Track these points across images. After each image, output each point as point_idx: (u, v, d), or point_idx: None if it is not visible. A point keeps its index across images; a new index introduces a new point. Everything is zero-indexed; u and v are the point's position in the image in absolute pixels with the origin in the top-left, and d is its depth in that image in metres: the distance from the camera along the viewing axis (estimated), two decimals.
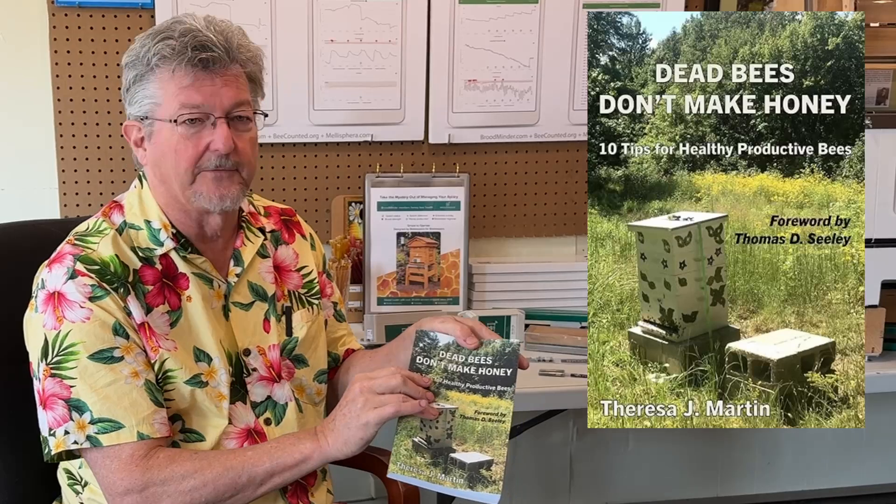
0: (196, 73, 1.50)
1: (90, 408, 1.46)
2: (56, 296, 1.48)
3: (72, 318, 1.47)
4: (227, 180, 1.54)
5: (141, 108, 1.53)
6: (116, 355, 1.48)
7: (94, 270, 1.49)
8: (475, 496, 1.42)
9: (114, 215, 1.59)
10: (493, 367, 1.49)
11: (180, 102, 1.50)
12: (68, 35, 2.42)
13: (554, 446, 3.02)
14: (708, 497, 3.18)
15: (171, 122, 1.50)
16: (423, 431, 1.47)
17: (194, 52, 1.49)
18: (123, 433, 1.46)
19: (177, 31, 1.50)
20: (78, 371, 1.46)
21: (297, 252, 1.74)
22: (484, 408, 1.46)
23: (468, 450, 1.45)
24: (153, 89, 1.52)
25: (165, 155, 1.53)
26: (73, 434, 1.46)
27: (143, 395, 1.48)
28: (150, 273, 1.54)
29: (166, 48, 1.49)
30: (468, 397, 1.48)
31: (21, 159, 2.49)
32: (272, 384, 1.62)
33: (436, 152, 2.67)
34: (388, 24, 2.56)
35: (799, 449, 3.18)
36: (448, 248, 2.57)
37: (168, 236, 1.56)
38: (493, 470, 1.42)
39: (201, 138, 1.51)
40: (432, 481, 1.44)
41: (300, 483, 1.63)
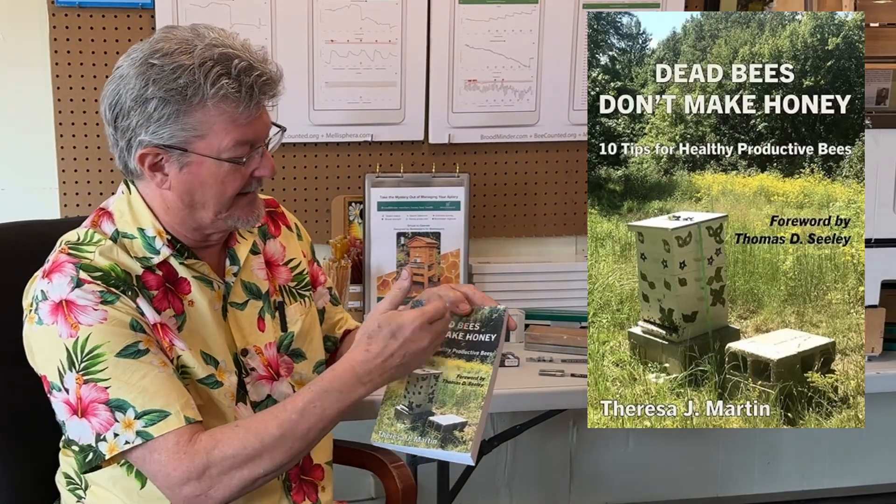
0: (251, 107, 1.46)
1: (132, 404, 1.42)
2: (64, 304, 1.43)
3: (88, 321, 1.43)
4: (256, 199, 1.55)
5: (172, 136, 1.45)
6: (142, 348, 1.44)
7: (98, 277, 1.45)
8: (447, 455, 1.45)
9: (104, 224, 1.53)
10: (480, 332, 1.52)
11: (234, 140, 1.46)
12: (68, 35, 2.42)
13: (554, 446, 3.02)
14: (708, 497, 3.18)
15: (220, 160, 1.46)
16: (406, 399, 1.50)
17: (262, 95, 1.46)
18: (171, 420, 1.41)
19: (234, 68, 1.43)
20: (109, 371, 1.42)
21: (283, 245, 1.72)
22: (466, 372, 1.49)
23: (446, 413, 1.48)
24: (196, 121, 1.44)
25: (207, 185, 1.48)
26: (123, 434, 1.42)
27: (176, 383, 1.46)
28: (152, 278, 1.51)
29: (229, 87, 1.43)
30: (453, 362, 1.51)
31: (21, 159, 2.49)
32: (271, 382, 1.62)
33: (436, 152, 2.67)
34: (388, 24, 2.56)
35: (799, 449, 3.18)
36: (448, 248, 2.57)
37: (164, 243, 1.52)
38: (465, 431, 1.44)
39: (248, 167, 1.50)
40: (409, 444, 1.47)
41: (304, 479, 1.63)
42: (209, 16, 2.42)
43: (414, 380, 1.51)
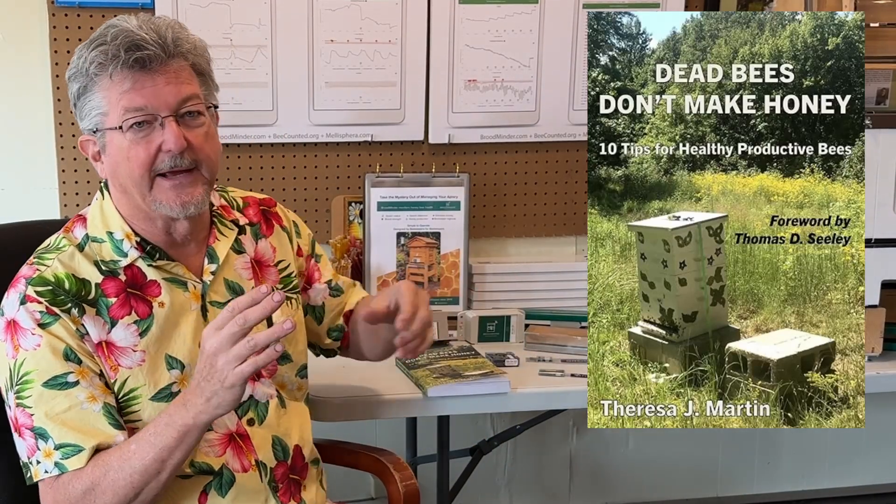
0: (134, 74, 1.45)
1: (51, 434, 1.44)
2: (12, 324, 1.47)
3: (25, 346, 1.46)
4: (188, 185, 1.50)
5: (91, 121, 1.49)
6: (71, 380, 1.46)
7: (45, 292, 1.47)
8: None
9: (76, 229, 1.56)
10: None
11: (123, 108, 1.45)
12: (68, 35, 2.42)
13: (554, 446, 3.02)
14: (708, 497, 3.18)
15: (119, 130, 1.46)
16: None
17: (128, 53, 1.44)
18: (84, 455, 1.44)
19: (109, 36, 1.46)
20: (34, 399, 1.45)
21: (274, 246, 1.71)
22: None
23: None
24: (98, 100, 1.47)
25: (119, 164, 1.49)
26: (43, 463, 1.45)
27: (100, 420, 1.46)
28: (112, 285, 1.51)
29: (100, 55, 1.45)
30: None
31: (21, 159, 2.49)
32: (253, 383, 1.60)
33: (436, 152, 2.67)
34: (388, 24, 2.56)
35: (799, 449, 3.18)
36: (448, 248, 2.57)
37: (132, 246, 1.53)
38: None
39: (151, 141, 1.46)
40: None
41: (292, 478, 1.62)
42: (209, 16, 2.43)
43: None
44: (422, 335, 1.60)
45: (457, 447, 2.50)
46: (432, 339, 1.66)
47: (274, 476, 1.61)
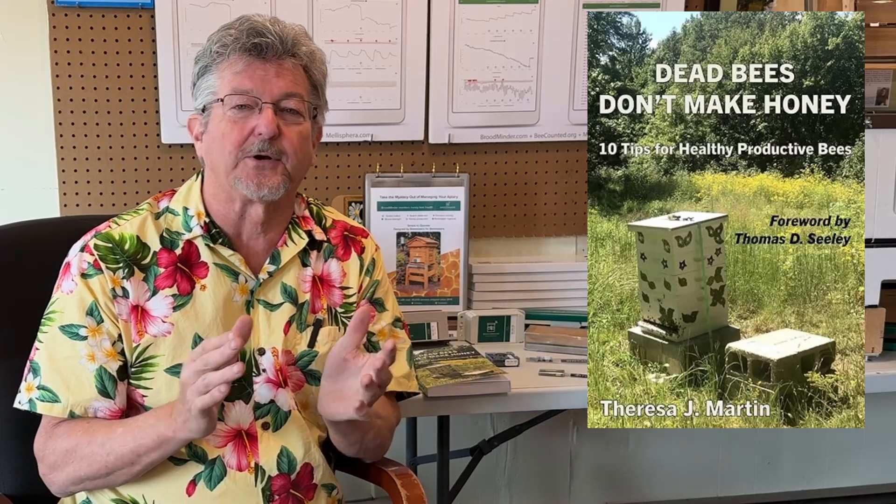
0: (250, 59, 1.53)
1: (41, 373, 1.52)
2: (67, 265, 1.56)
3: (65, 287, 1.55)
4: (269, 170, 1.55)
5: (202, 99, 1.57)
6: (82, 334, 1.52)
7: (102, 248, 1.55)
8: None
9: (163, 200, 1.64)
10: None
11: (232, 87, 1.53)
12: (68, 35, 2.42)
13: (554, 446, 3.02)
14: (708, 497, 3.18)
15: (220, 103, 1.53)
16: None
17: (248, 37, 1.52)
18: (56, 407, 1.51)
19: (237, 22, 1.55)
20: (47, 336, 1.54)
21: (345, 271, 1.70)
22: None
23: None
24: (213, 80, 1.55)
25: (215, 141, 1.56)
26: (23, 393, 1.53)
27: (90, 380, 1.51)
28: (166, 256, 1.58)
29: (225, 36, 1.54)
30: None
31: (21, 159, 2.49)
32: (277, 388, 1.60)
33: (436, 152, 2.67)
34: (388, 24, 2.56)
35: (799, 449, 3.18)
36: (448, 248, 2.57)
37: (199, 224, 1.59)
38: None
39: (247, 122, 1.53)
40: None
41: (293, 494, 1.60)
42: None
43: None
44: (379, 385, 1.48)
45: (457, 447, 2.50)
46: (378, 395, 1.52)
47: (270, 485, 1.58)
